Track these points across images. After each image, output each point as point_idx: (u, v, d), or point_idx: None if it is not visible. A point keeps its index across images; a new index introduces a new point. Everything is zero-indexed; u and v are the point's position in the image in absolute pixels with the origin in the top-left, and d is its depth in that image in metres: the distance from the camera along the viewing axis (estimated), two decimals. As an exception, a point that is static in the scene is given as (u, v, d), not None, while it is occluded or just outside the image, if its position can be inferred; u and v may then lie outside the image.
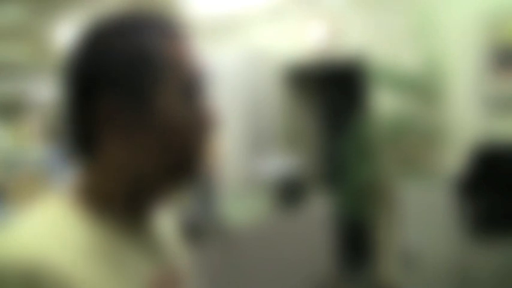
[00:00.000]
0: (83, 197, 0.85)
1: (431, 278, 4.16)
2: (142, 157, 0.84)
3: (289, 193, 4.47)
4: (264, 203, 4.42)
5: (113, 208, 0.85)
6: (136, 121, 0.83)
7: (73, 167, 0.89)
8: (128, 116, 0.82)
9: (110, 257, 0.80)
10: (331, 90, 5.93)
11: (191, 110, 0.85)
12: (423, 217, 4.19)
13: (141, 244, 0.88)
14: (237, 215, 4.04)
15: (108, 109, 0.82)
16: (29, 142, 6.13)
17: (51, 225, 0.78)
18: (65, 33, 5.95)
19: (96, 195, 0.84)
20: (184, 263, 1.03)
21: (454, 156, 4.31)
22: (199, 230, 3.57)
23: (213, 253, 3.47)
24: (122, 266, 0.82)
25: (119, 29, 0.84)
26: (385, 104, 4.71)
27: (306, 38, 5.28)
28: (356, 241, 5.52)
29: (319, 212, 4.67)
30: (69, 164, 0.90)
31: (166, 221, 1.04)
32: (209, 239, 3.52)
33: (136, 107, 0.82)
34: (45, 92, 7.27)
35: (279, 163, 4.75)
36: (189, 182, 0.88)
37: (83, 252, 0.77)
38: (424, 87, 4.43)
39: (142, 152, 0.83)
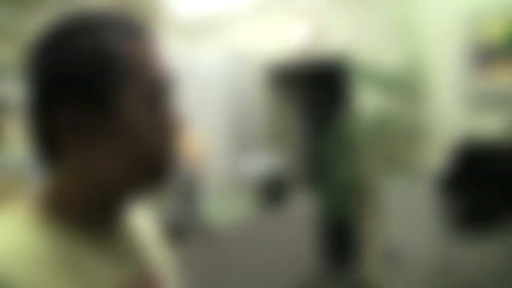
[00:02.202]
0: (46, 204, 0.82)
1: (414, 276, 4.17)
2: (106, 163, 0.81)
3: (273, 192, 4.45)
4: (248, 202, 4.40)
5: (77, 215, 0.82)
6: (99, 125, 0.80)
7: (45, 171, 0.87)
8: (90, 120, 0.79)
9: (72, 265, 0.77)
10: (315, 89, 5.93)
11: (156, 114, 0.83)
12: (407, 215, 4.20)
13: (110, 250, 0.85)
14: (220, 214, 4.02)
15: (69, 113, 0.79)
16: (9, 144, 6.05)
17: (9, 234, 0.75)
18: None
19: (60, 203, 0.82)
20: (165, 264, 1.01)
21: (436, 153, 4.33)
22: (182, 230, 3.54)
23: (196, 253, 3.45)
24: (86, 274, 0.79)
25: (82, 29, 0.80)
26: (368, 102, 4.71)
27: (289, 37, 5.27)
28: (340, 240, 5.52)
29: (302, 211, 4.66)
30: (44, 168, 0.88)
31: (146, 222, 1.01)
32: (192, 239, 3.49)
33: (99, 110, 0.79)
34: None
35: (262, 162, 4.73)
36: (160, 186, 0.86)
37: (41, 262, 0.74)
38: (406, 86, 4.45)
39: (106, 158, 0.81)
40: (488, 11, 4.03)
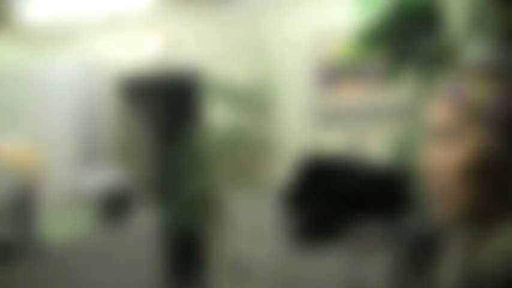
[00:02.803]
0: None
1: (260, 290, 4.21)
2: None
3: (115, 207, 4.28)
4: (89, 217, 4.19)
5: None
6: None
7: None
8: None
9: None
10: (166, 102, 5.89)
11: None
12: (253, 228, 4.24)
13: None
14: (58, 231, 3.79)
15: None
16: None
17: None
18: None
19: None
20: None
21: (282, 168, 4.45)
22: (14, 250, 3.26)
23: (30, 275, 3.17)
24: None
25: None
26: (218, 116, 4.75)
27: (141, 50, 5.20)
28: (187, 254, 5.46)
29: (146, 226, 4.53)
30: None
31: None
32: (26, 259, 3.21)
33: None
34: None
35: (107, 176, 4.54)
36: None
37: None
38: (255, 101, 4.54)
39: None
40: (335, 31, 4.23)
